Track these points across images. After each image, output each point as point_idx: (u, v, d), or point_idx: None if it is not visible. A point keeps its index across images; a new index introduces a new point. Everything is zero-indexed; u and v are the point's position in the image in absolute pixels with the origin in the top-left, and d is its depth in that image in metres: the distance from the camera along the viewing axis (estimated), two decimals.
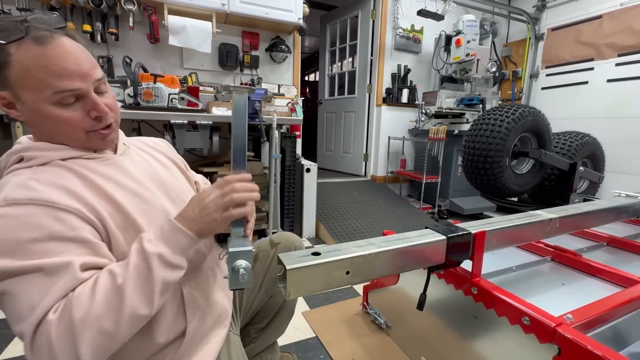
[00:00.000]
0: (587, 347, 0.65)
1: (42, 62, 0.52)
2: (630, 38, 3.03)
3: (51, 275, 0.47)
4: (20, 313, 0.46)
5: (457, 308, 0.97)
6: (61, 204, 0.51)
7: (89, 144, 0.60)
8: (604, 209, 1.31)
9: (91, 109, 0.57)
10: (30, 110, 0.55)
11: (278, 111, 2.22)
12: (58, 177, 0.54)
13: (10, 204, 0.48)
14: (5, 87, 0.54)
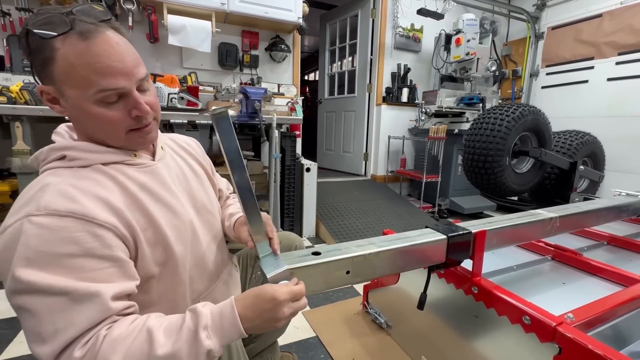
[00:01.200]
0: (587, 346, 0.65)
1: (87, 59, 0.50)
2: (631, 37, 3.03)
3: (78, 302, 0.46)
4: (41, 335, 0.44)
5: (457, 307, 0.97)
6: (100, 220, 0.50)
7: (129, 143, 0.59)
8: (605, 208, 1.31)
9: (132, 108, 0.56)
10: (73, 107, 0.54)
11: (278, 110, 2.22)
12: (99, 186, 0.53)
13: (50, 214, 0.46)
14: (50, 82, 0.53)
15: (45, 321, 0.44)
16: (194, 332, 0.48)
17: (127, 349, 0.46)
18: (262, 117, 1.97)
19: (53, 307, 0.45)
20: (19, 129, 1.61)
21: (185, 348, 0.47)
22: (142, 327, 0.48)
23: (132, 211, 0.55)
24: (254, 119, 1.96)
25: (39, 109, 1.61)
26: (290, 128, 2.52)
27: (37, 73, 0.53)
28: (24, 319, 0.46)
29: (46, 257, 0.45)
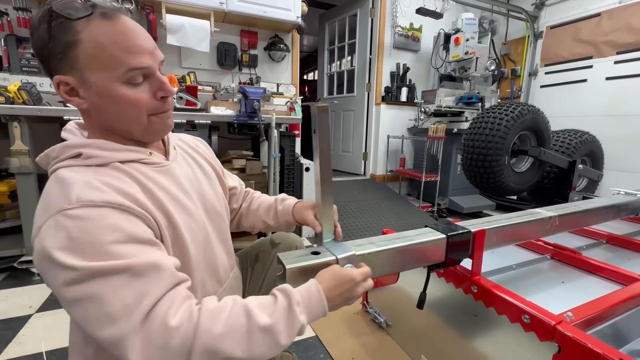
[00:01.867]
0: (587, 345, 0.65)
1: (115, 38, 0.50)
2: (629, 36, 3.03)
3: (143, 274, 0.46)
4: (110, 315, 0.43)
5: (457, 306, 0.97)
6: (134, 209, 0.50)
7: (151, 128, 0.57)
8: (603, 206, 1.31)
9: (158, 89, 0.56)
10: (98, 93, 0.52)
11: (277, 110, 2.21)
12: (121, 182, 0.52)
13: (85, 206, 0.46)
14: (71, 70, 0.51)
15: (113, 301, 0.43)
16: (288, 307, 0.51)
17: (227, 320, 0.47)
18: (261, 117, 1.96)
19: (118, 286, 0.44)
20: (17, 129, 1.61)
21: (282, 320, 0.50)
22: (235, 302, 0.50)
23: (154, 208, 0.55)
24: (253, 118, 1.96)
25: (37, 109, 1.61)
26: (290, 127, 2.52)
27: (56, 62, 0.51)
28: (85, 308, 0.44)
29: (93, 246, 0.44)
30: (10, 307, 1.48)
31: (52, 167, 0.53)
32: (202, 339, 0.45)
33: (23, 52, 2.15)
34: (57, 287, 0.45)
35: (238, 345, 0.46)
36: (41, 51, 0.51)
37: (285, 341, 0.50)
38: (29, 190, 1.67)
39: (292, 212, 0.83)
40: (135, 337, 0.43)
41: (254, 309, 0.49)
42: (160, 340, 0.44)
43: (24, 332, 1.31)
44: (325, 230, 0.72)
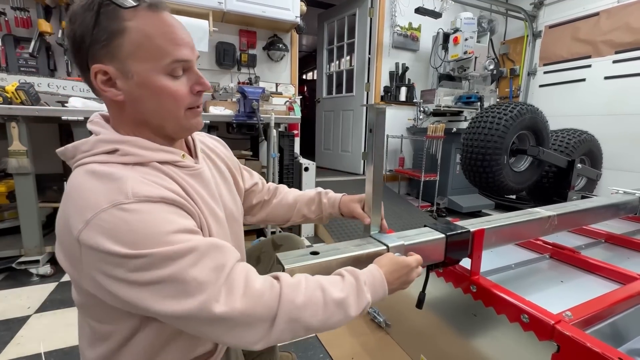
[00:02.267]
0: (586, 344, 0.65)
1: (162, 29, 0.51)
2: (628, 35, 3.03)
3: (208, 252, 0.48)
4: (185, 291, 0.45)
5: (456, 306, 0.97)
6: (186, 206, 0.52)
7: (185, 123, 0.58)
8: (602, 206, 1.31)
9: (195, 83, 0.56)
10: (139, 84, 0.51)
11: (276, 110, 2.21)
12: (166, 182, 0.53)
13: (142, 200, 0.47)
14: (112, 59, 0.50)
15: (186, 279, 0.45)
16: (356, 284, 0.56)
17: (305, 292, 0.51)
18: (260, 117, 1.96)
19: (190, 263, 0.46)
20: (15, 129, 1.60)
21: (352, 295, 0.55)
22: (307, 277, 0.54)
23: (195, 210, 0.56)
24: (252, 118, 1.95)
25: (35, 109, 1.60)
26: (289, 127, 2.52)
27: (97, 50, 0.50)
28: (161, 289, 0.45)
29: (155, 236, 0.46)
30: (8, 308, 1.47)
31: (81, 160, 0.52)
32: (285, 308, 0.48)
33: (21, 52, 2.15)
34: (123, 276, 0.45)
35: (315, 316, 0.50)
36: (82, 38, 0.50)
37: (354, 313, 0.54)
38: (27, 190, 1.66)
39: (338, 205, 0.86)
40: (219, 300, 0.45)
41: (327, 284, 0.54)
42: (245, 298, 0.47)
43: (23, 333, 1.31)
44: (373, 222, 0.78)
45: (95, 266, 0.46)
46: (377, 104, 0.68)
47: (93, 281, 0.47)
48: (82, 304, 0.56)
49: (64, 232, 0.48)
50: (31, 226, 1.71)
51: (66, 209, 0.48)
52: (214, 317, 0.45)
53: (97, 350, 0.57)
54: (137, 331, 0.54)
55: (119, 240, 0.44)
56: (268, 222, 0.91)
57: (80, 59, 0.52)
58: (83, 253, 0.46)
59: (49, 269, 1.78)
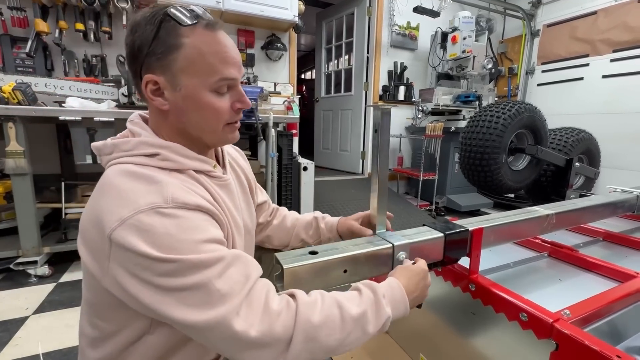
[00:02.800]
0: (584, 342, 0.65)
1: (216, 48, 0.54)
2: (625, 34, 3.04)
3: (232, 264, 0.49)
4: (207, 302, 0.45)
5: (455, 305, 0.97)
6: (217, 215, 0.54)
7: (222, 137, 0.60)
8: (600, 204, 1.31)
9: (237, 100, 0.58)
10: (186, 96, 0.54)
11: (274, 109, 2.21)
12: (201, 191, 0.55)
13: (180, 207, 0.48)
14: (165, 71, 0.53)
15: (210, 289, 0.46)
16: (374, 299, 0.55)
17: (322, 310, 0.50)
18: (258, 116, 1.96)
19: (217, 274, 0.46)
20: (12, 129, 1.59)
21: (370, 311, 0.53)
22: (324, 295, 0.53)
23: (224, 220, 0.57)
24: (250, 118, 1.95)
25: (32, 109, 1.60)
26: (287, 127, 2.51)
27: (152, 61, 0.52)
28: (186, 296, 0.45)
29: (188, 242, 0.46)
30: (6, 309, 1.47)
31: (119, 159, 0.53)
32: (302, 327, 0.48)
33: (18, 51, 2.14)
34: (150, 279, 0.45)
35: (333, 334, 0.49)
36: (140, 48, 0.52)
37: (373, 330, 0.53)
38: (25, 191, 1.66)
39: (336, 228, 0.87)
40: (239, 315, 0.46)
41: (344, 301, 0.52)
42: (263, 320, 0.47)
43: (21, 334, 1.31)
44: (379, 221, 0.77)
45: (123, 265, 0.46)
46: (382, 105, 0.68)
47: (116, 280, 0.47)
48: (93, 301, 0.56)
49: (92, 227, 0.49)
50: (29, 227, 1.70)
51: (98, 204, 0.49)
52: (233, 332, 0.45)
53: (99, 351, 0.56)
54: (145, 333, 0.54)
55: (153, 242, 0.45)
56: (263, 243, 0.91)
57: (134, 67, 0.55)
58: (113, 251, 0.46)
59: (47, 269, 1.77)
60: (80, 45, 2.38)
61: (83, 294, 0.58)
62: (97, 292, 0.53)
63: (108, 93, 1.92)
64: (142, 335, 0.54)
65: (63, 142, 2.32)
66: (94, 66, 2.40)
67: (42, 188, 1.91)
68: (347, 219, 0.87)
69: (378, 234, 0.78)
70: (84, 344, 0.59)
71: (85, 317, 0.59)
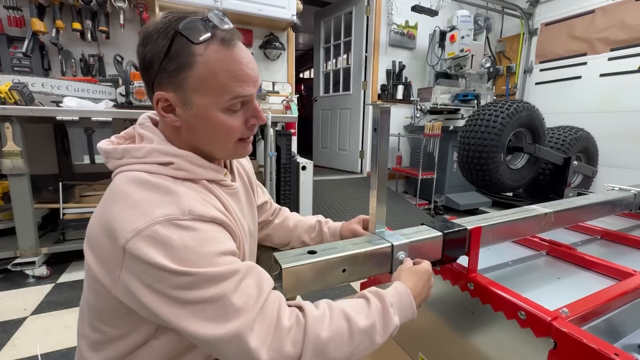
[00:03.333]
0: (582, 340, 0.65)
1: (228, 66, 0.51)
2: (623, 32, 3.05)
3: (246, 277, 0.48)
4: (222, 315, 0.45)
5: (453, 304, 0.97)
6: (230, 227, 0.54)
7: (234, 152, 0.59)
8: (598, 202, 1.32)
9: (251, 116, 0.57)
10: (197, 115, 0.52)
11: (273, 109, 2.21)
12: (214, 201, 0.55)
13: (196, 219, 0.48)
14: (176, 89, 0.51)
15: (225, 303, 0.45)
16: (382, 308, 0.54)
17: (330, 324, 0.49)
18: None
19: (232, 288, 0.46)
20: (9, 129, 1.59)
21: (379, 322, 0.53)
22: (331, 307, 0.52)
23: (235, 229, 0.57)
24: None
25: (29, 109, 1.59)
26: (286, 126, 2.51)
27: (164, 78, 0.51)
28: (201, 309, 0.45)
29: (204, 255, 0.46)
30: (4, 310, 1.46)
31: (131, 165, 0.52)
32: (311, 343, 0.47)
33: (14, 51, 2.13)
34: (165, 291, 0.45)
35: (342, 348, 0.49)
36: (151, 64, 0.51)
37: (380, 340, 0.53)
38: (22, 191, 1.65)
39: (340, 233, 0.87)
40: (253, 331, 0.45)
41: (352, 313, 0.52)
42: (275, 338, 0.46)
43: (19, 334, 1.30)
44: (378, 220, 0.77)
45: (137, 276, 0.45)
46: (381, 103, 0.68)
47: (129, 290, 0.47)
48: (98, 307, 0.55)
49: (103, 235, 0.48)
50: (27, 227, 1.70)
51: (110, 212, 0.48)
52: (247, 347, 0.44)
53: (101, 354, 0.55)
54: (150, 338, 0.54)
55: (170, 255, 0.44)
56: (264, 241, 0.91)
57: (147, 79, 0.54)
58: (126, 261, 0.45)
59: (45, 270, 1.77)
60: (78, 44, 2.37)
61: (85, 298, 0.57)
62: (104, 299, 0.52)
63: (105, 93, 1.91)
64: (148, 340, 0.54)
65: (60, 142, 2.31)
66: (91, 66, 2.39)
67: (39, 188, 1.90)
68: (350, 222, 0.87)
69: (377, 233, 0.78)
70: (84, 346, 0.58)
71: (87, 320, 0.58)
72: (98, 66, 2.41)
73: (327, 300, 0.54)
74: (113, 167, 0.55)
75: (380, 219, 0.79)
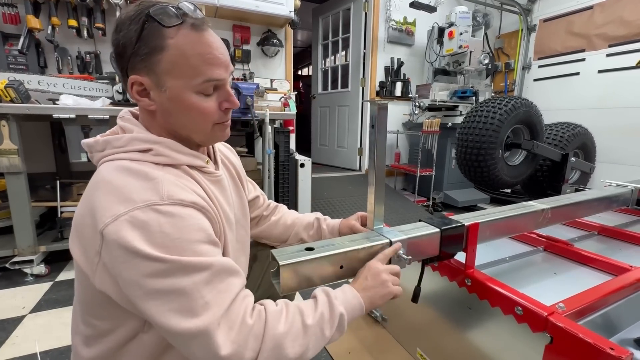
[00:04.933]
0: (578, 335, 0.65)
1: (199, 50, 0.52)
2: (621, 28, 3.05)
3: (219, 274, 0.49)
4: (191, 309, 0.45)
5: (451, 300, 0.98)
6: (210, 213, 0.54)
7: (212, 137, 0.60)
8: (595, 198, 1.32)
9: (224, 100, 0.58)
10: (171, 98, 0.54)
11: (271, 106, 2.20)
12: (195, 186, 0.55)
13: (176, 204, 0.48)
14: (149, 72, 0.52)
15: (198, 294, 0.46)
16: (328, 302, 0.57)
17: (286, 319, 0.52)
18: (254, 113, 1.95)
19: (202, 281, 0.47)
20: (5, 127, 1.58)
21: (326, 312, 0.56)
22: (287, 304, 0.55)
23: (216, 216, 0.57)
24: (247, 114, 1.94)
25: (25, 107, 1.58)
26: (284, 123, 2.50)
27: (137, 62, 0.52)
28: (168, 300, 0.45)
29: (182, 242, 0.47)
30: (3, 308, 1.46)
31: (112, 155, 0.53)
32: (270, 336, 0.49)
33: (10, 48, 2.11)
34: (137, 277, 0.45)
35: (296, 340, 0.51)
36: (124, 49, 0.52)
37: (329, 333, 0.55)
38: (19, 190, 1.64)
39: (338, 230, 0.88)
40: (219, 328, 0.46)
41: (304, 308, 0.55)
42: (239, 335, 0.47)
43: (18, 333, 1.30)
44: (376, 216, 0.78)
45: (113, 262, 0.46)
46: (378, 100, 0.69)
47: (106, 277, 0.47)
48: (85, 299, 0.56)
49: (84, 224, 0.49)
50: (24, 226, 1.69)
51: (92, 200, 0.48)
52: (212, 344, 0.45)
53: (94, 349, 0.56)
54: (139, 332, 0.54)
55: (146, 239, 0.45)
56: (261, 238, 0.91)
57: (120, 66, 0.55)
58: (104, 247, 0.46)
59: (43, 268, 1.77)
60: (74, 42, 2.35)
61: (76, 293, 0.58)
62: (89, 289, 0.53)
63: (102, 90, 1.90)
64: (137, 334, 0.54)
65: (57, 141, 2.30)
66: (88, 63, 2.37)
67: (37, 187, 1.90)
68: (349, 219, 0.87)
69: (375, 229, 0.78)
70: (78, 342, 0.59)
71: (79, 315, 0.58)
72: (95, 63, 2.39)
73: (284, 300, 0.57)
74: (97, 160, 0.56)
75: (379, 215, 0.79)
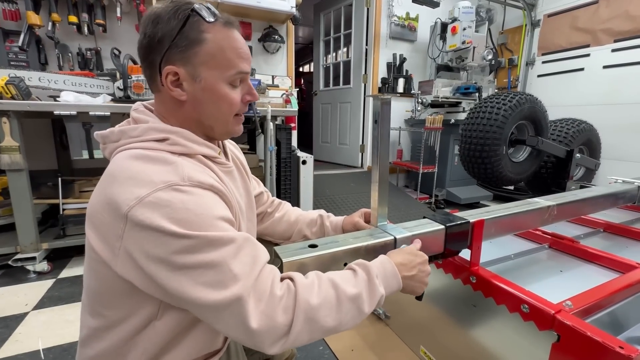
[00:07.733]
0: (586, 333, 0.64)
1: (234, 44, 0.58)
2: (627, 23, 3.00)
3: (244, 247, 0.50)
4: (221, 281, 0.47)
5: (456, 297, 0.97)
6: (228, 197, 0.56)
7: (230, 128, 0.63)
8: (601, 195, 1.31)
9: (246, 93, 0.63)
10: (204, 88, 0.57)
11: (272, 103, 2.18)
12: (210, 173, 0.57)
13: (196, 185, 0.50)
14: (186, 63, 0.55)
15: (224, 269, 0.47)
16: (368, 279, 0.57)
17: (319, 292, 0.52)
18: (256, 110, 1.94)
19: (230, 254, 0.48)
20: (6, 124, 1.57)
21: (365, 291, 0.55)
22: (320, 276, 0.55)
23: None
24: (249, 111, 1.93)
25: (26, 104, 1.57)
26: (286, 120, 2.49)
27: (174, 53, 0.55)
28: (199, 274, 0.47)
29: (205, 218, 0.48)
30: (6, 306, 1.46)
31: (128, 145, 0.55)
32: (302, 309, 0.49)
33: (10, 45, 2.10)
34: (166, 255, 0.46)
35: (330, 314, 0.51)
36: (161, 40, 0.55)
37: (368, 310, 0.55)
38: (21, 187, 1.64)
39: (342, 227, 0.88)
40: (249, 298, 0.47)
41: (339, 282, 0.54)
42: (268, 306, 0.48)
43: (21, 330, 1.30)
44: (380, 213, 0.77)
45: (138, 244, 0.47)
46: (381, 95, 0.68)
47: (130, 261, 0.48)
48: (99, 290, 0.55)
49: (103, 210, 0.49)
50: (26, 223, 1.69)
51: (111, 188, 0.49)
52: (244, 313, 0.46)
53: (103, 342, 0.55)
54: (152, 320, 0.54)
55: (173, 218, 0.46)
56: (264, 235, 0.91)
57: (152, 58, 0.56)
58: (127, 230, 0.47)
59: (45, 265, 1.77)
60: (74, 38, 2.34)
61: (86, 285, 0.58)
62: (105, 279, 0.53)
63: (103, 87, 1.89)
64: (150, 322, 0.54)
65: (59, 138, 2.30)
66: (89, 60, 2.36)
67: (38, 184, 1.90)
68: (352, 216, 0.87)
69: (379, 226, 0.77)
70: (86, 336, 0.58)
71: (87, 309, 0.58)
72: (95, 60, 2.38)
73: (315, 272, 0.56)
74: (110, 152, 0.57)
75: (382, 212, 0.78)
